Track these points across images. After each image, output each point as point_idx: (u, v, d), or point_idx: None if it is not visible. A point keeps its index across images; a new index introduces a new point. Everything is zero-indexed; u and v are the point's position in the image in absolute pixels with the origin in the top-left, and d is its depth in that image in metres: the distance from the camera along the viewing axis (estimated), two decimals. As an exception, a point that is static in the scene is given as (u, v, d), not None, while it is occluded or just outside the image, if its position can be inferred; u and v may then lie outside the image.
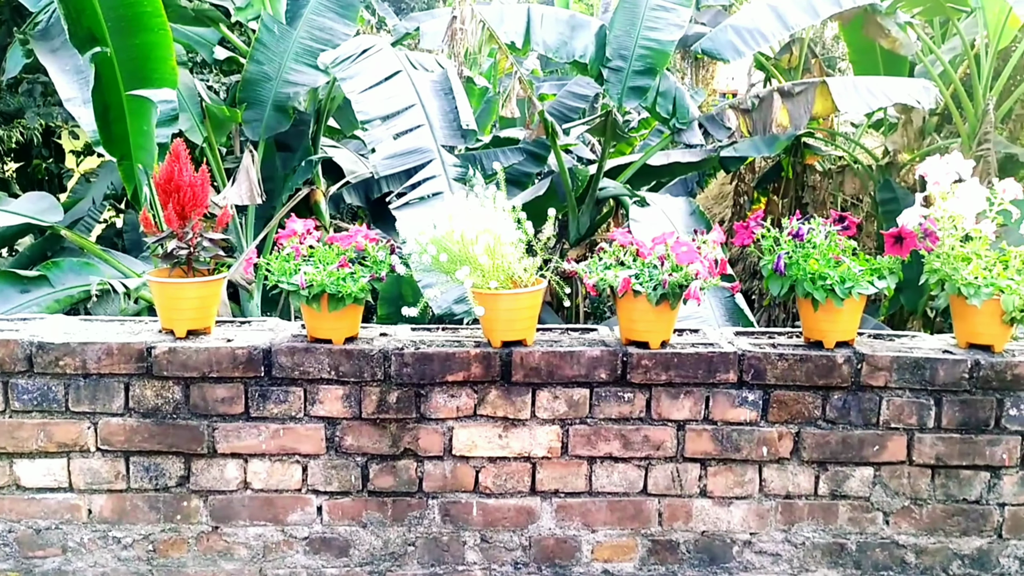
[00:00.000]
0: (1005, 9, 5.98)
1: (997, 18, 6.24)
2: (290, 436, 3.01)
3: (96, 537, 3.04)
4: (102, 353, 2.94)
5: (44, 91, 8.58)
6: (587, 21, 6.62)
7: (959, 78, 6.76)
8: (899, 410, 3.01)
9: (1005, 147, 6.36)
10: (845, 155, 7.84)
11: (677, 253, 2.96)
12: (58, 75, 5.63)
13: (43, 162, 9.35)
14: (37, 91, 8.64)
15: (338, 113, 7.26)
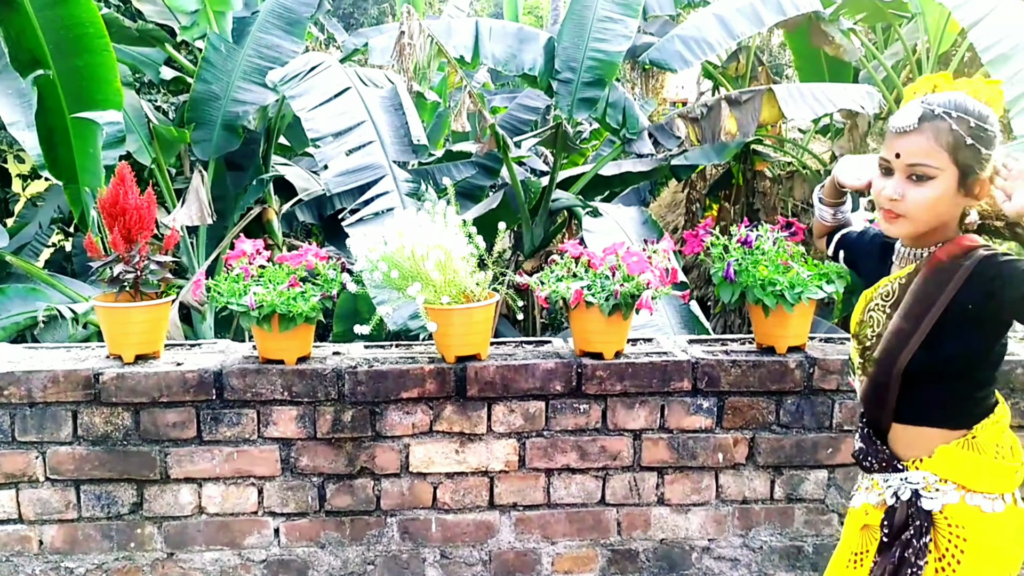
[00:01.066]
0: (944, 14, 6.11)
1: (937, 23, 6.37)
2: (244, 459, 2.97)
3: (48, 568, 2.98)
4: (48, 381, 2.89)
5: (-13, 115, 8.44)
6: (535, 34, 6.66)
7: (902, 82, 6.88)
8: (852, 412, 3.03)
9: (948, 149, 6.46)
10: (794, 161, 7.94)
11: (628, 263, 2.97)
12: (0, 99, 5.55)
13: (-12, 187, 9.20)
14: (-20, 115, 8.50)
15: (289, 131, 7.23)
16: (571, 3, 6.45)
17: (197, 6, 6.37)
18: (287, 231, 7.29)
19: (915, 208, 1.83)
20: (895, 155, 1.84)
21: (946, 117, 1.80)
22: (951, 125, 1.79)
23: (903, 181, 1.84)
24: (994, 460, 1.92)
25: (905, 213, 1.85)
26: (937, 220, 1.87)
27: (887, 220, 1.88)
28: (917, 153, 1.81)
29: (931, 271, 1.91)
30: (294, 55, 6.25)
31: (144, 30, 6.56)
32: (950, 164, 1.80)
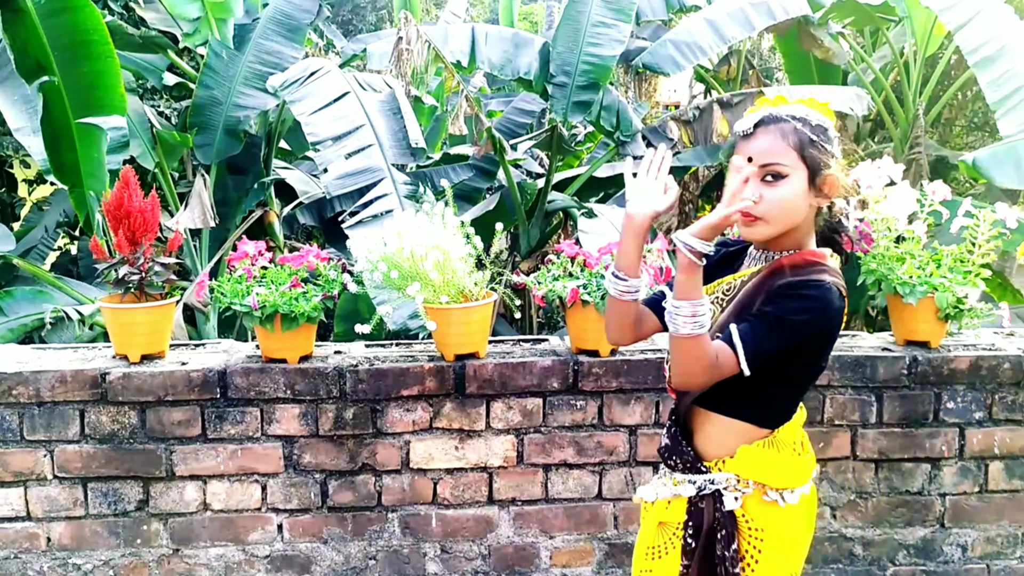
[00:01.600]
0: (931, 18, 6.11)
1: (924, 26, 6.37)
2: (248, 456, 2.97)
3: (56, 565, 2.98)
4: (56, 381, 2.89)
5: (-7, 121, 8.44)
6: (531, 39, 6.66)
7: (890, 85, 6.90)
8: (842, 407, 3.05)
9: (936, 150, 6.49)
10: (784, 161, 7.94)
11: (623, 262, 2.97)
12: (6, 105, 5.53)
13: (-6, 192, 9.19)
14: (-14, 121, 8.49)
15: (289, 135, 7.22)
16: (565, 8, 6.45)
17: (199, 13, 6.36)
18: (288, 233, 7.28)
19: (772, 208, 1.83)
20: (748, 159, 1.84)
21: (789, 119, 1.84)
22: (795, 126, 1.84)
23: (758, 183, 1.83)
24: (792, 456, 1.96)
25: (763, 215, 1.83)
26: (792, 221, 1.87)
27: (746, 224, 1.86)
28: (769, 153, 1.82)
29: (767, 277, 1.91)
30: (294, 61, 6.25)
31: (147, 37, 6.56)
32: (799, 162, 1.83)
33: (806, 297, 1.81)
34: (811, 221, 1.93)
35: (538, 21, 15.91)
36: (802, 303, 1.81)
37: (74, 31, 4.69)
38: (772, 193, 1.82)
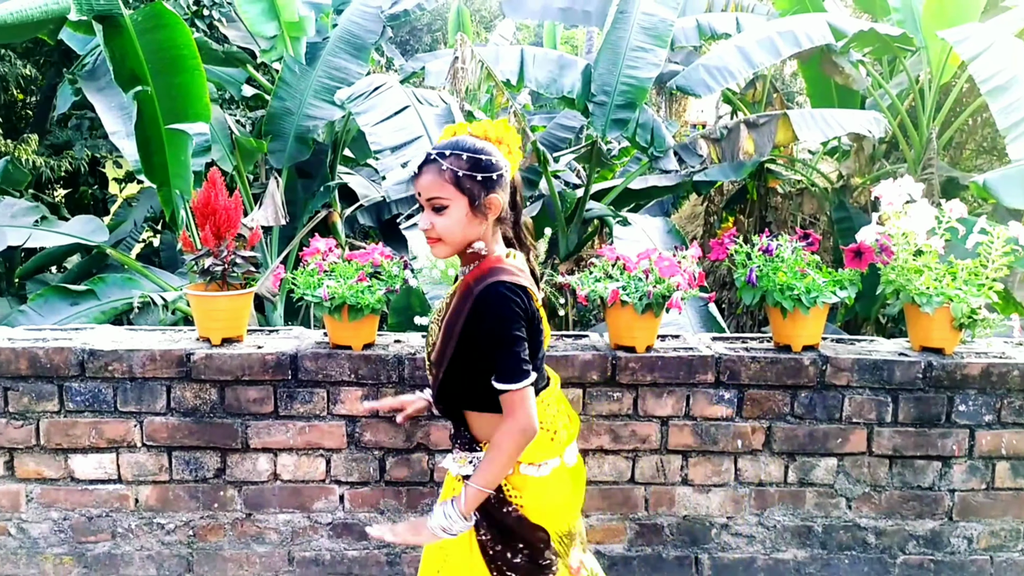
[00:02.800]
0: (946, 49, 6.01)
1: (939, 56, 6.27)
2: (315, 432, 2.99)
3: (142, 524, 3.02)
4: (146, 359, 2.93)
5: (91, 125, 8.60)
6: (574, 61, 6.64)
7: (905, 110, 6.78)
8: (860, 406, 3.01)
9: (947, 171, 6.38)
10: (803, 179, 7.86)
11: (660, 267, 2.96)
12: (104, 111, 5.64)
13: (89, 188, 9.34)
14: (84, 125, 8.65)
15: (353, 143, 7.27)
16: (607, 34, 6.42)
17: (275, 32, 6.43)
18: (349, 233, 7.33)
19: (443, 232, 1.98)
20: (418, 194, 2.01)
21: (440, 159, 1.96)
22: (444, 164, 1.95)
23: (430, 213, 1.99)
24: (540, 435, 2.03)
25: (439, 237, 1.99)
26: (465, 240, 2.00)
27: (430, 245, 2.03)
28: (430, 189, 1.97)
29: (459, 296, 2.03)
30: (359, 76, 6.30)
31: (229, 52, 6.63)
32: (457, 194, 1.95)
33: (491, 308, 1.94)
34: (489, 233, 2.04)
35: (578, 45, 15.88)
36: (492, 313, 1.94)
37: (167, 46, 4.75)
38: (439, 221, 1.98)
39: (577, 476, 2.21)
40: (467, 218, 1.97)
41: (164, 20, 4.72)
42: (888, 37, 6.07)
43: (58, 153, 8.64)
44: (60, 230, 5.56)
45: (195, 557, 3.05)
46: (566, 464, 2.14)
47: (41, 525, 3.00)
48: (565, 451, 2.14)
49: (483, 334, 1.95)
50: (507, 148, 2.08)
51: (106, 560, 3.03)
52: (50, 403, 2.94)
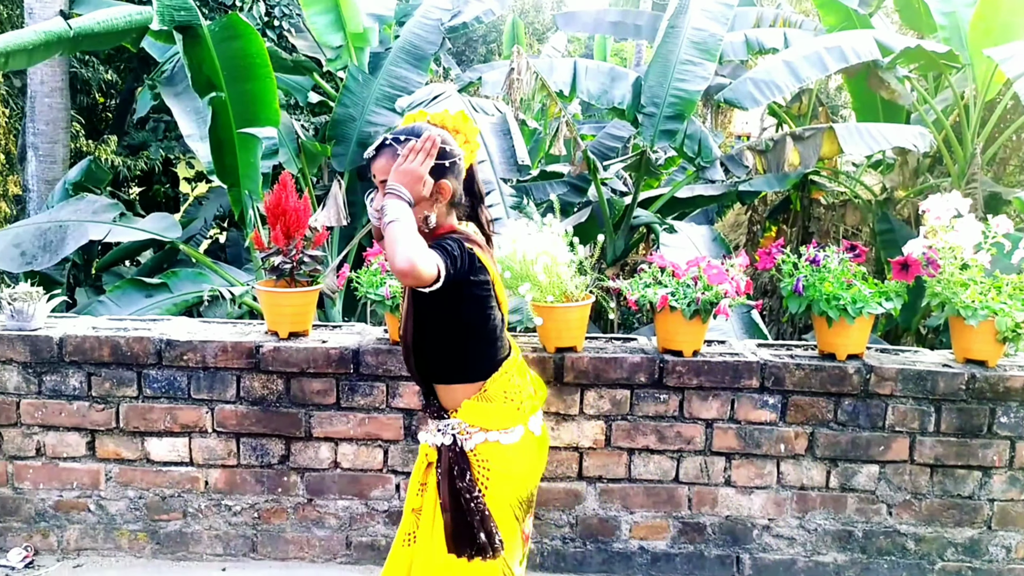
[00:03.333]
0: (992, 66, 5.88)
1: (985, 74, 6.13)
2: (374, 424, 3.03)
3: (211, 504, 3.09)
4: (219, 350, 2.99)
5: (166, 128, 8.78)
6: (625, 73, 6.62)
7: (950, 125, 6.65)
8: (903, 415, 2.96)
9: (990, 186, 6.23)
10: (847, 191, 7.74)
11: (709, 275, 2.94)
12: (180, 115, 5.76)
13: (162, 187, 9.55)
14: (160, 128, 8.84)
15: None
16: (658, 47, 6.40)
17: (341, 42, 6.52)
18: (406, 234, 7.37)
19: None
20: (373, 176, 2.07)
21: (395, 144, 2.01)
22: (399, 149, 1.99)
23: (383, 194, 2.02)
24: (503, 405, 2.15)
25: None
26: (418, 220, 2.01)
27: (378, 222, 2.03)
28: (384, 172, 2.02)
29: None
30: (419, 85, 6.35)
31: (297, 61, 6.74)
32: (408, 175, 1.97)
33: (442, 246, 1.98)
34: (443, 216, 2.11)
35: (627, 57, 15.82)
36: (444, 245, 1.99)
37: (241, 55, 4.84)
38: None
39: (542, 445, 2.28)
40: (422, 197, 2.00)
41: (239, 30, 4.82)
42: (934, 54, 5.95)
43: (134, 153, 8.84)
44: (137, 226, 5.68)
45: (259, 538, 3.10)
46: (531, 432, 2.21)
47: (118, 503, 3.08)
48: (529, 420, 2.21)
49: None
50: (464, 138, 2.14)
51: (177, 538, 3.10)
52: (129, 389, 3.01)
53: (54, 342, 2.99)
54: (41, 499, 3.08)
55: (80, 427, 3.03)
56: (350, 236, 6.44)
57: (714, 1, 6.43)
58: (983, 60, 5.90)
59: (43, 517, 3.09)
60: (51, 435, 3.04)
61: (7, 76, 7.90)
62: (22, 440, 3.05)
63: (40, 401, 3.02)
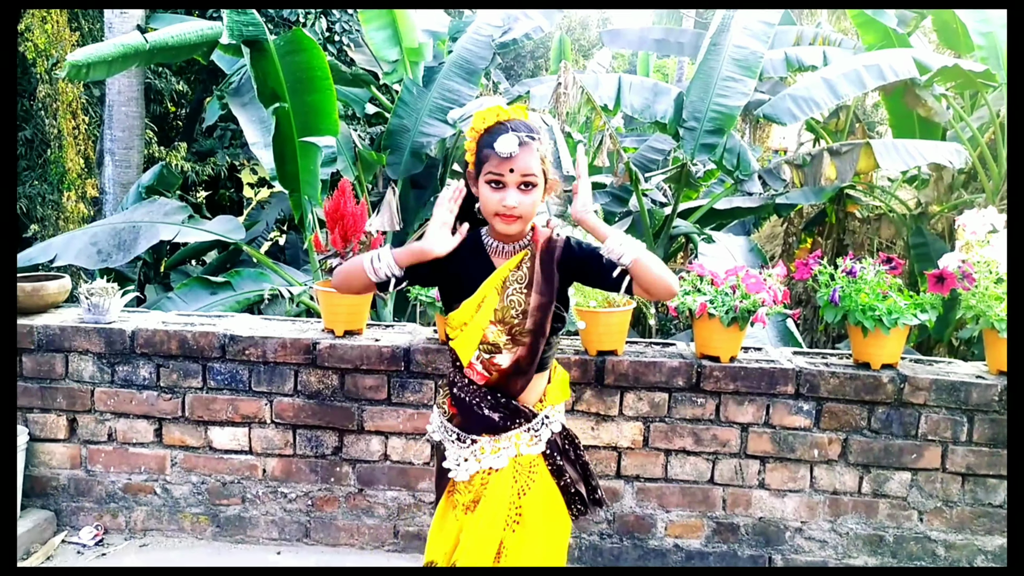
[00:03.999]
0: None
1: (1022, 92, 5.97)
2: (422, 419, 3.04)
3: (268, 491, 3.13)
4: (278, 346, 3.03)
5: (232, 136, 8.92)
6: (667, 88, 6.57)
7: (986, 142, 6.48)
8: (936, 425, 2.89)
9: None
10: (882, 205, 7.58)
11: (747, 284, 2.91)
12: (246, 124, 5.84)
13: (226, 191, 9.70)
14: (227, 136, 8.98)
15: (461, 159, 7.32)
16: (699, 64, 6.34)
17: (397, 57, 6.57)
18: (454, 239, 7.40)
19: (528, 209, 1.93)
20: (509, 171, 1.90)
21: (531, 140, 1.92)
22: (537, 147, 1.93)
23: (517, 192, 1.91)
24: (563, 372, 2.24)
25: (521, 215, 1.93)
26: (533, 217, 1.99)
27: (506, 222, 1.94)
28: (528, 167, 1.90)
29: (542, 254, 2.01)
30: (470, 98, 6.36)
31: (356, 74, 6.80)
32: (542, 175, 1.94)
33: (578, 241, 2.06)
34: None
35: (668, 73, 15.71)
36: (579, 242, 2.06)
37: (304, 68, 4.89)
38: (526, 200, 1.92)
39: None
40: (540, 198, 1.96)
41: (302, 45, 4.87)
42: (971, 73, 5.82)
43: (202, 160, 9.00)
44: (204, 228, 5.77)
45: (312, 524, 3.13)
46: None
47: (182, 487, 3.14)
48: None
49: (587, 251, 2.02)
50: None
51: (236, 521, 3.14)
52: (195, 380, 3.07)
53: (127, 335, 3.05)
54: (111, 481, 3.15)
55: (149, 415, 3.10)
56: (403, 240, 6.48)
57: (755, 20, 6.35)
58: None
59: (113, 498, 3.16)
60: (122, 422, 3.11)
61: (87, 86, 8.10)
62: (95, 426, 3.12)
63: (112, 390, 3.09)
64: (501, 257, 2.03)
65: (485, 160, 1.93)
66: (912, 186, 7.78)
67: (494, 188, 1.92)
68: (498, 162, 1.90)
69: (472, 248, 2.05)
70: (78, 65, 5.09)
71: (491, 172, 1.91)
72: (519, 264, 2.01)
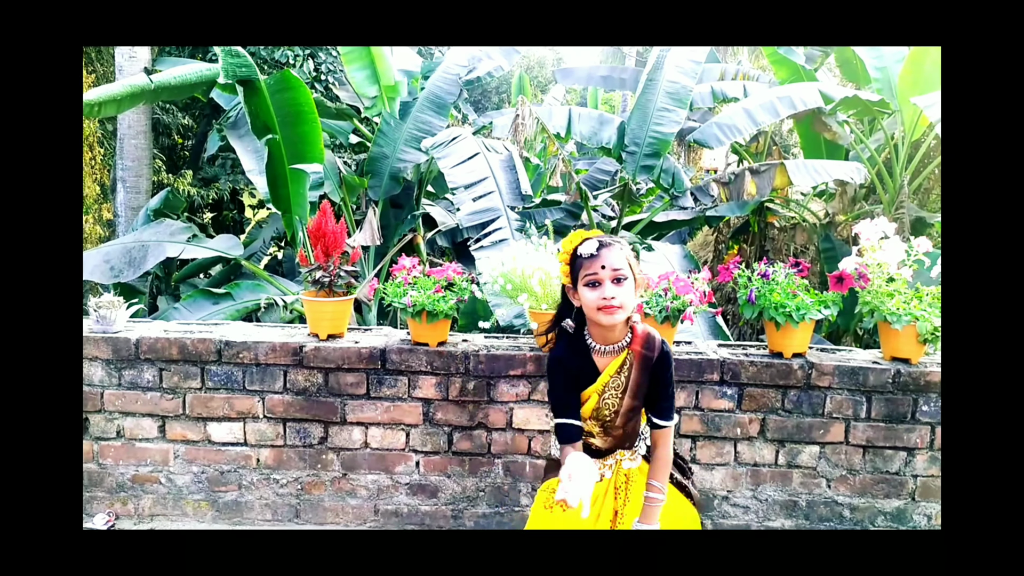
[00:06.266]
0: (917, 112, 5.83)
1: (911, 118, 6.09)
2: (398, 411, 3.01)
3: (262, 478, 3.07)
4: (269, 349, 2.98)
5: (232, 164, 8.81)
6: (611, 118, 6.60)
7: (882, 161, 6.59)
8: (839, 404, 2.92)
9: (916, 212, 6.17)
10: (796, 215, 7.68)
11: (677, 287, 2.91)
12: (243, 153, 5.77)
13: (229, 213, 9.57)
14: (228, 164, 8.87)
15: (434, 181, 7.32)
16: (638, 97, 6.37)
17: (376, 93, 6.52)
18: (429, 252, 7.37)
19: (625, 299, 1.87)
20: (602, 267, 1.87)
21: (612, 242, 1.91)
22: (621, 247, 1.91)
23: (612, 285, 1.87)
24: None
25: (620, 305, 1.87)
26: (632, 308, 1.92)
27: (608, 313, 1.87)
28: (616, 262, 1.87)
29: (639, 362, 1.95)
30: (440, 128, 6.33)
31: (340, 109, 6.75)
32: (630, 270, 1.89)
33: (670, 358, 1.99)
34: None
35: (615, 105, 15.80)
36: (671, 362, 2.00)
37: (292, 103, 4.85)
38: (621, 291, 1.87)
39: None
40: (634, 291, 1.91)
41: (290, 83, 4.82)
42: (869, 102, 5.91)
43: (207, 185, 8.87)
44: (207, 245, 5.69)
45: (302, 506, 3.08)
46: None
47: (184, 476, 3.07)
48: None
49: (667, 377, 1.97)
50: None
51: (233, 506, 3.08)
52: (194, 381, 3.01)
53: (132, 342, 2.98)
54: (121, 473, 3.08)
55: (153, 413, 3.03)
56: (384, 253, 6.43)
57: (685, 59, 6.40)
58: (910, 107, 5.86)
59: (122, 488, 3.08)
60: (129, 420, 3.04)
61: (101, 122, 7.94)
62: (105, 424, 3.04)
63: (120, 392, 3.01)
64: (606, 359, 1.97)
65: (579, 268, 1.90)
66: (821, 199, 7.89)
67: (592, 288, 1.88)
68: (589, 263, 1.88)
69: (577, 350, 2.00)
70: (92, 103, 4.99)
71: (587, 274, 1.88)
72: (619, 368, 1.96)
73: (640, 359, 1.94)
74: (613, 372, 1.96)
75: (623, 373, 1.96)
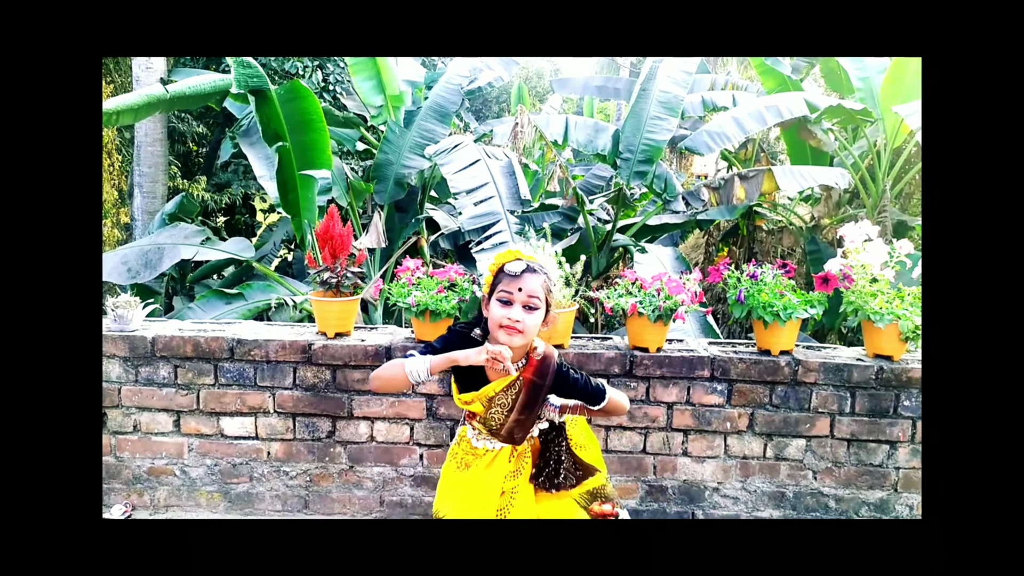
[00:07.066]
0: (899, 120, 5.83)
1: (893, 126, 6.09)
2: (402, 406, 3.01)
3: (272, 471, 3.07)
4: (279, 347, 2.97)
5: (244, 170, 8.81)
6: (606, 126, 6.60)
7: (865, 167, 6.59)
8: (824, 400, 2.92)
9: (898, 216, 6.17)
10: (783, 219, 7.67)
11: (669, 287, 2.91)
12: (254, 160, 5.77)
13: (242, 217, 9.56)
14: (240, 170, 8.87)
15: (437, 186, 7.31)
16: (632, 106, 6.37)
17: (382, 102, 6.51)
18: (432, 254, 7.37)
19: (529, 325, 1.84)
20: (519, 289, 1.84)
21: (540, 270, 1.88)
22: (544, 278, 1.88)
23: (522, 310, 1.84)
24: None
25: (522, 330, 1.84)
26: (531, 337, 1.89)
27: (509, 334, 1.84)
28: (533, 290, 1.84)
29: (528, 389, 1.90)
30: (443, 136, 6.33)
31: (347, 117, 6.74)
32: (544, 303, 1.87)
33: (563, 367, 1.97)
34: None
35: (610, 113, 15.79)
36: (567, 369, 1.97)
37: (301, 112, 4.84)
38: (529, 318, 1.84)
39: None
40: (540, 323, 1.88)
41: (300, 93, 4.82)
42: (852, 111, 5.92)
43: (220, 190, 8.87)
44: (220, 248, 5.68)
45: (310, 498, 3.08)
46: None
47: (198, 469, 3.07)
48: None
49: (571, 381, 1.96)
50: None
51: (245, 497, 3.08)
52: (208, 378, 3.00)
53: (148, 341, 2.98)
54: (137, 465, 3.07)
55: (168, 408, 3.03)
56: (389, 255, 6.42)
57: (677, 70, 6.40)
58: (892, 115, 5.86)
59: (139, 480, 3.08)
60: (145, 415, 3.04)
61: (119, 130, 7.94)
62: (122, 419, 3.04)
63: (136, 388, 3.01)
64: (495, 373, 1.93)
65: (499, 283, 1.88)
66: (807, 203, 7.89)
67: (502, 305, 1.85)
68: (508, 281, 1.86)
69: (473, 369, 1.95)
70: (110, 112, 4.99)
71: (502, 290, 1.86)
72: (507, 388, 1.91)
73: (529, 386, 1.89)
74: (500, 389, 1.91)
75: (510, 394, 1.91)
